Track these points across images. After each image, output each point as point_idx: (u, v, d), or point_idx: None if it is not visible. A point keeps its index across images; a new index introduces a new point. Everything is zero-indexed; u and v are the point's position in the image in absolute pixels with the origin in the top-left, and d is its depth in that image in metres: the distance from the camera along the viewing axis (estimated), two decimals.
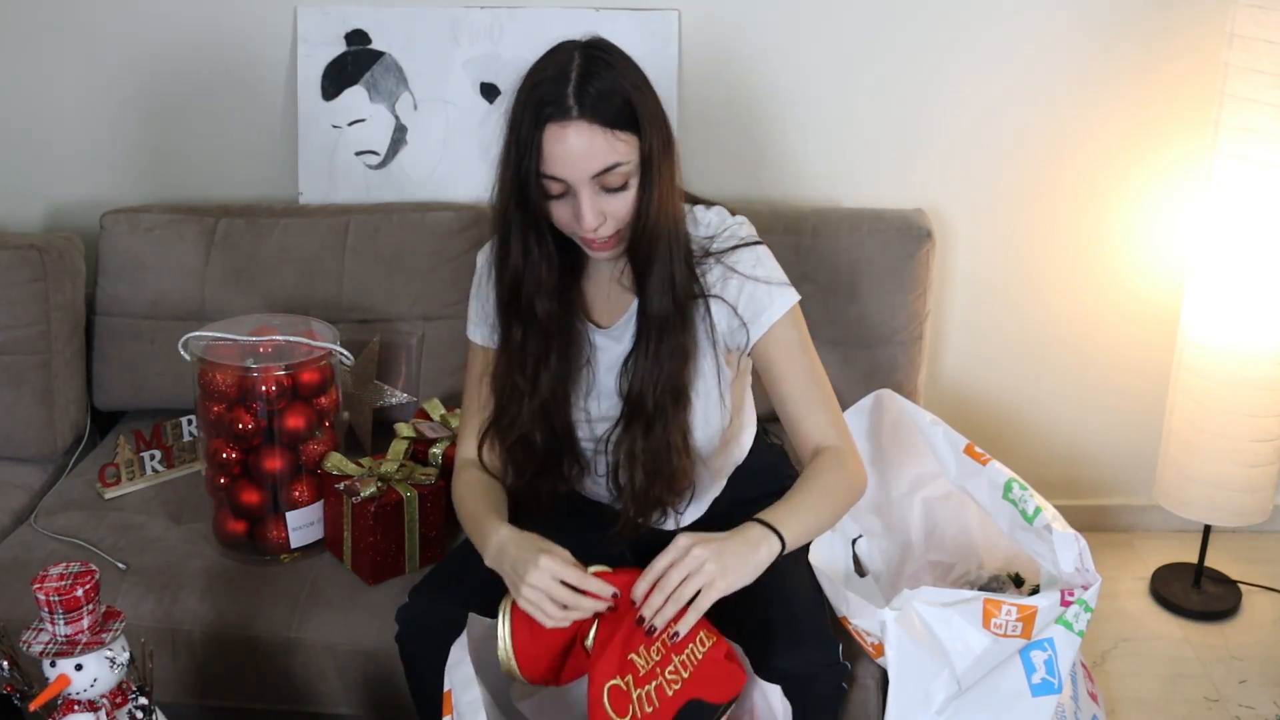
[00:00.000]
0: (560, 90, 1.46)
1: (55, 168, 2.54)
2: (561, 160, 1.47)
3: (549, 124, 1.46)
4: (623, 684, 1.45)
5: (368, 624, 1.88)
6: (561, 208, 1.52)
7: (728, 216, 1.68)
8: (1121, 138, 2.46)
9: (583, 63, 1.49)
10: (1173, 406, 2.43)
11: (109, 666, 1.45)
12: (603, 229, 1.52)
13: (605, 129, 1.46)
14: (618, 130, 1.47)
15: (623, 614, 1.49)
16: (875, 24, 2.39)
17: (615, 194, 1.51)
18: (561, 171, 1.48)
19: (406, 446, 2.05)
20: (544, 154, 1.47)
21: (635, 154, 1.50)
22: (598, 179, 1.49)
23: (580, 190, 1.49)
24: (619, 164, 1.48)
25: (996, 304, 2.58)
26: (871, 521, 1.95)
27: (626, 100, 1.48)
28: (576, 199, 1.49)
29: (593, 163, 1.47)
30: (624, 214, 1.52)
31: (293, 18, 2.42)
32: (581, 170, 1.47)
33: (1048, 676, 1.57)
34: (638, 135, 1.49)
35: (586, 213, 1.49)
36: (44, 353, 2.27)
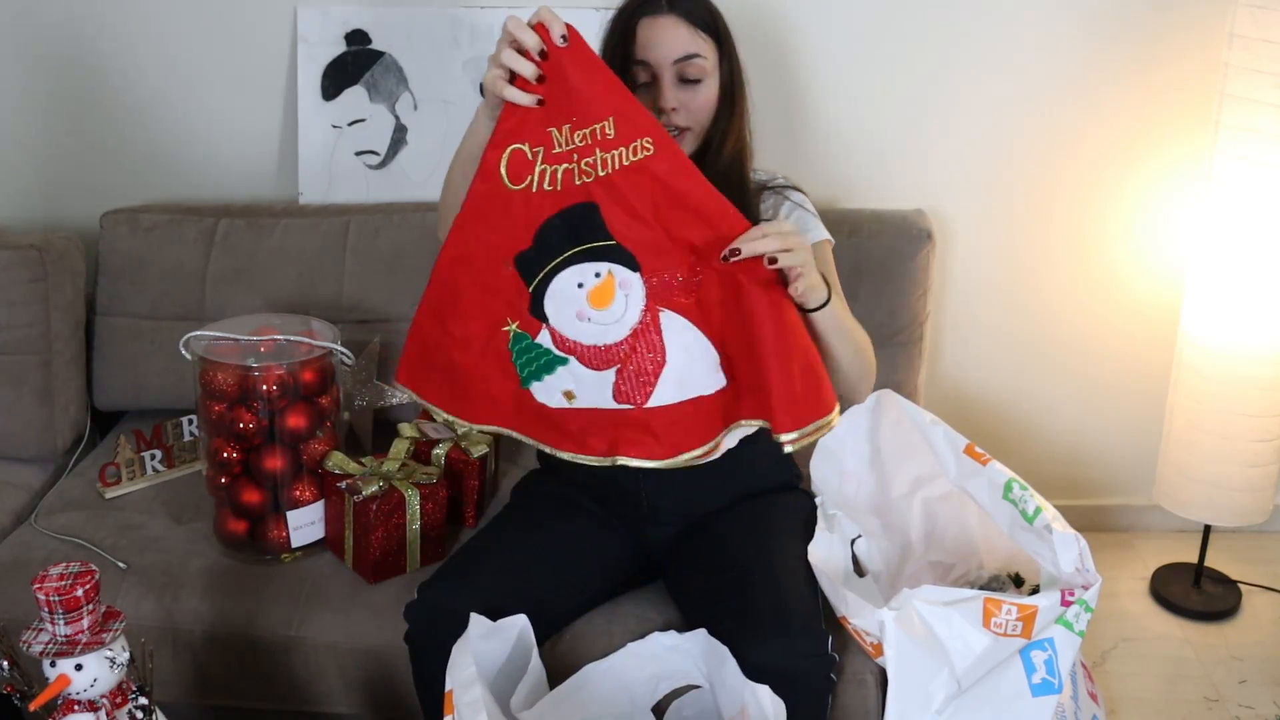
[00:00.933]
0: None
1: (55, 168, 2.54)
2: (650, 46, 1.69)
3: (644, 18, 1.70)
4: (529, 152, 1.53)
5: (369, 623, 1.88)
6: (643, 96, 1.69)
7: (775, 172, 1.90)
8: (1121, 138, 2.46)
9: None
10: (1173, 406, 2.43)
11: (109, 666, 1.45)
12: (676, 117, 1.71)
13: (689, 24, 1.70)
14: (700, 30, 1.71)
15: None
16: (875, 25, 2.39)
17: (692, 86, 1.71)
18: (649, 56, 1.69)
19: (408, 446, 2.06)
20: (637, 40, 1.70)
21: (714, 55, 1.72)
22: (678, 65, 1.70)
23: (663, 74, 1.70)
24: (698, 55, 1.70)
25: (996, 304, 2.58)
26: (871, 521, 1.95)
27: (711, 13, 1.74)
28: (659, 84, 1.70)
29: (675, 48, 1.69)
30: (699, 109, 1.73)
31: (293, 18, 2.42)
32: (666, 54, 1.69)
33: (1048, 676, 1.57)
34: (717, 44, 1.73)
35: (666, 92, 1.70)
36: (44, 353, 2.27)
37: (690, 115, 1.73)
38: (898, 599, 1.63)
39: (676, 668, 1.73)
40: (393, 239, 2.33)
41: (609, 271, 1.56)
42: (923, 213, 2.39)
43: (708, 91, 1.74)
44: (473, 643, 1.56)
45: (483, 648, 1.59)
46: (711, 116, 1.76)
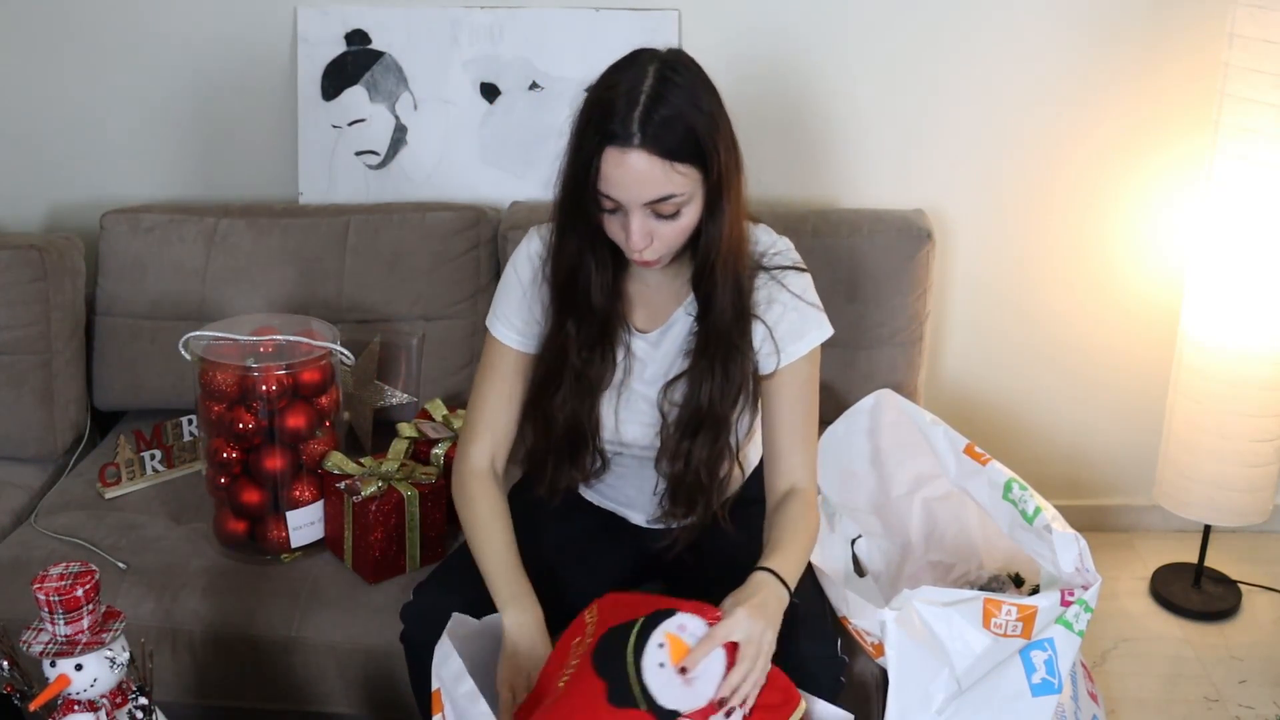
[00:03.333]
0: (627, 113, 1.46)
1: (55, 168, 2.54)
2: (617, 183, 1.48)
3: (609, 146, 1.46)
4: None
5: (368, 623, 1.88)
6: (613, 222, 1.54)
7: (775, 236, 1.70)
8: (1121, 138, 2.46)
9: (655, 84, 1.47)
10: (1173, 406, 2.43)
11: (109, 666, 1.45)
12: (649, 251, 1.53)
13: (664, 160, 1.46)
14: (677, 163, 1.47)
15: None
16: (875, 24, 2.39)
17: (667, 220, 1.51)
18: (615, 193, 1.49)
19: (408, 446, 2.05)
20: (601, 173, 1.48)
21: (692, 185, 1.50)
22: (650, 205, 1.49)
23: (632, 212, 1.50)
24: (673, 195, 1.49)
25: (996, 304, 2.58)
26: (871, 521, 1.95)
27: (692, 130, 1.47)
28: (627, 218, 1.50)
29: (646, 191, 1.48)
30: (673, 239, 1.54)
31: (293, 18, 2.42)
32: (635, 196, 1.48)
33: (1048, 676, 1.57)
34: (699, 167, 1.49)
35: (635, 234, 1.51)
36: (44, 353, 2.27)
37: (665, 244, 1.54)
38: (898, 599, 1.63)
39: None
40: (393, 239, 2.33)
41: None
42: (923, 213, 2.39)
43: (686, 219, 1.53)
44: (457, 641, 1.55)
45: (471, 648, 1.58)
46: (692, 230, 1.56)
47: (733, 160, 1.53)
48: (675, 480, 1.70)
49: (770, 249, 1.67)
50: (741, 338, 1.63)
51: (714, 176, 1.50)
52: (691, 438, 1.66)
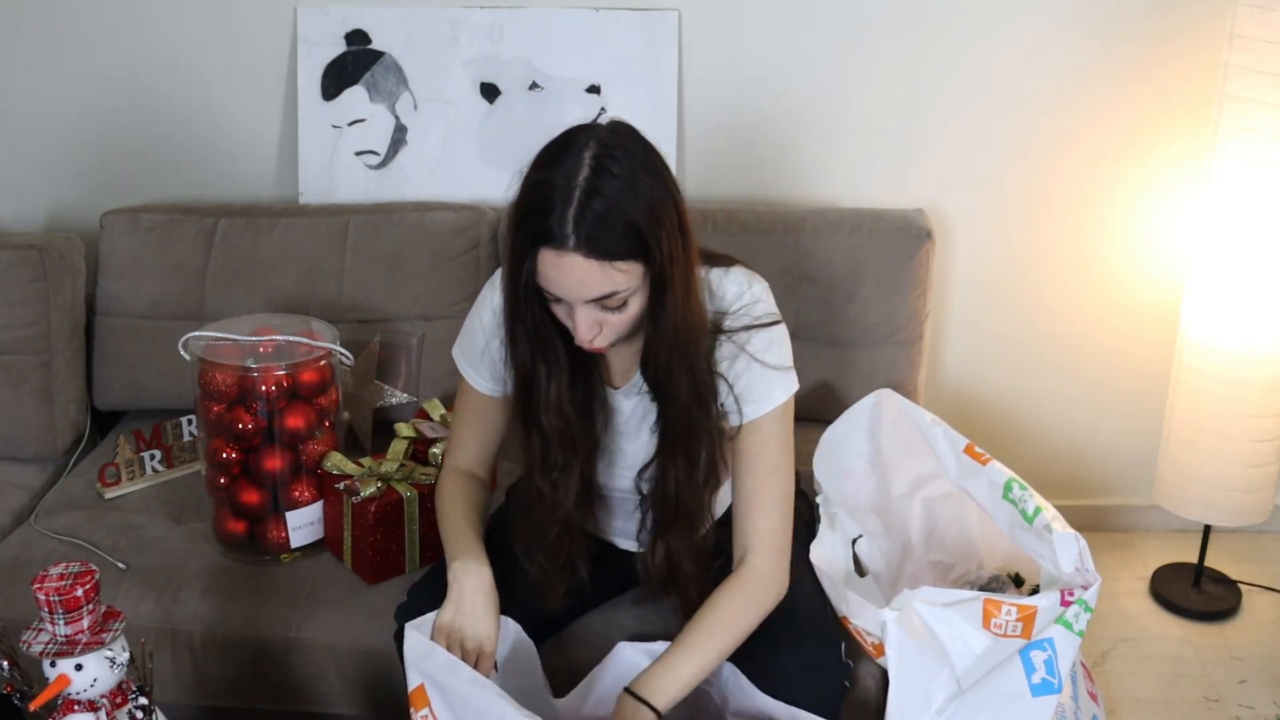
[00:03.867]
0: (561, 211, 1.37)
1: (55, 168, 2.54)
2: (556, 284, 1.42)
3: (544, 248, 1.39)
4: None
5: (368, 624, 1.88)
6: (559, 310, 1.48)
7: (747, 284, 1.59)
8: (1121, 138, 2.46)
9: (589, 177, 1.38)
10: (1173, 406, 2.43)
11: (109, 666, 1.45)
12: (598, 339, 1.47)
13: (602, 261, 1.38)
14: (616, 261, 1.39)
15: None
16: (876, 24, 2.39)
17: (615, 311, 1.45)
18: (555, 291, 1.43)
19: (407, 446, 2.05)
20: (539, 272, 1.42)
21: (635, 279, 1.42)
22: (594, 302, 1.43)
23: (576, 308, 1.44)
24: (616, 292, 1.42)
25: (996, 304, 2.58)
26: (871, 521, 1.95)
27: (630, 225, 1.38)
28: (572, 314, 1.45)
29: (587, 291, 1.41)
30: (622, 327, 1.48)
31: (293, 18, 2.42)
32: (576, 295, 1.42)
33: (1048, 676, 1.57)
34: (641, 261, 1.41)
35: (580, 328, 1.45)
36: (44, 353, 2.27)
37: (614, 331, 1.48)
38: (898, 599, 1.63)
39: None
40: (393, 239, 2.33)
41: None
42: (923, 212, 2.39)
43: (634, 308, 1.46)
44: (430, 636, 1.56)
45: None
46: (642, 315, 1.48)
47: (677, 246, 1.43)
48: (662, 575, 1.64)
49: (736, 302, 1.57)
50: (705, 418, 1.55)
51: (656, 270, 1.42)
52: (666, 534, 1.61)
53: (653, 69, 2.40)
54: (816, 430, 1.98)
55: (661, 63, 2.40)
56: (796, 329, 2.30)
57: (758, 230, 2.30)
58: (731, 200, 2.47)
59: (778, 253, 2.28)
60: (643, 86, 2.42)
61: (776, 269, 2.28)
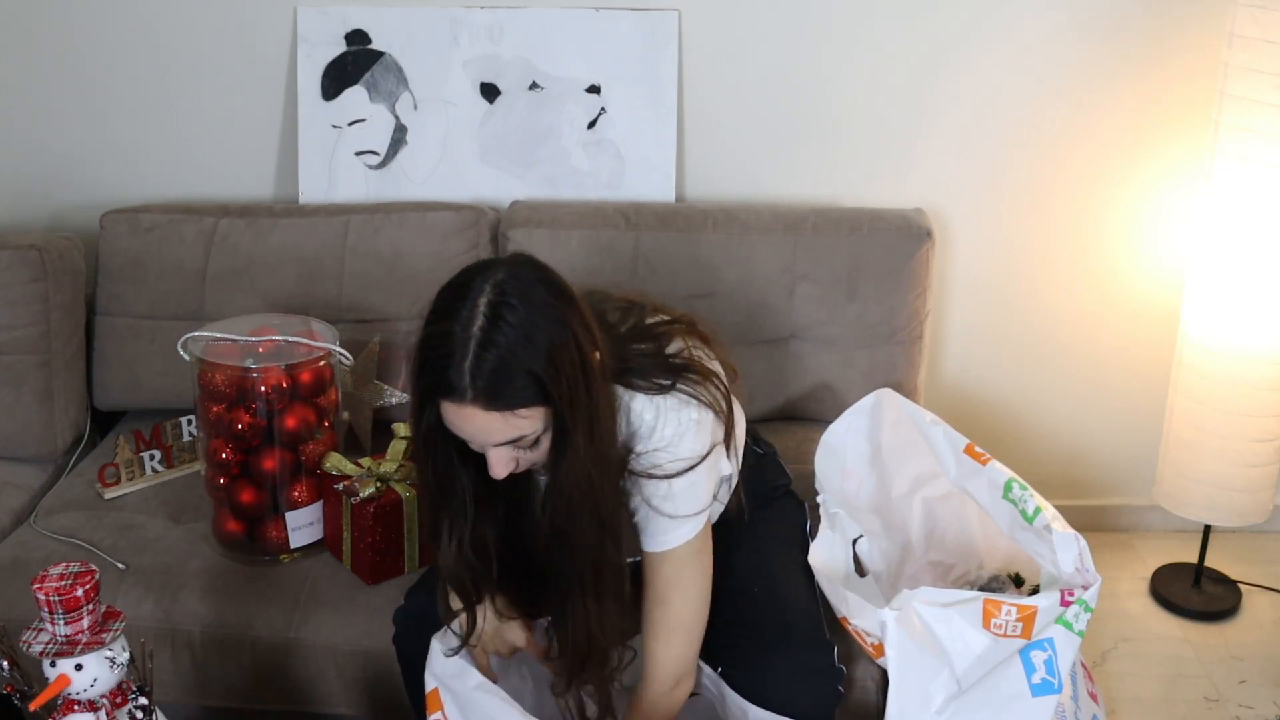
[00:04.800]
0: (459, 364, 1.34)
1: (55, 168, 2.54)
2: (462, 430, 1.40)
3: (445, 400, 1.37)
4: None
5: (367, 624, 1.88)
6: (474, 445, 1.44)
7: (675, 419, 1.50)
8: (1121, 138, 2.46)
9: (483, 326, 1.35)
10: (1173, 406, 2.43)
11: (109, 666, 1.45)
12: (517, 468, 1.45)
13: (502, 412, 1.36)
14: (518, 409, 1.36)
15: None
16: (876, 24, 2.39)
17: (527, 450, 1.43)
18: (463, 436, 1.41)
19: (406, 446, 2.05)
20: (445, 419, 1.40)
21: (541, 421, 1.39)
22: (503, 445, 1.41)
23: (487, 450, 1.42)
24: (522, 436, 1.39)
25: (996, 304, 2.58)
26: (872, 521, 1.95)
27: (528, 374, 1.35)
28: (486, 456, 1.43)
29: (492, 439, 1.39)
30: (538, 459, 1.45)
31: (293, 18, 2.42)
32: (483, 441, 1.40)
33: (1048, 676, 1.57)
34: (544, 405, 1.38)
35: (494, 466, 1.42)
36: (44, 353, 2.27)
37: (530, 462, 1.46)
38: (898, 599, 1.63)
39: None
40: (393, 239, 2.33)
41: None
42: (923, 212, 2.39)
43: (546, 443, 1.43)
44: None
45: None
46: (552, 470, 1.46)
47: (579, 388, 1.39)
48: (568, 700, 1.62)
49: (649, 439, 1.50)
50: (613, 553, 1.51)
51: (558, 411, 1.38)
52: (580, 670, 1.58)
53: (653, 69, 2.40)
54: (816, 430, 1.98)
55: (661, 63, 2.40)
56: (796, 329, 2.30)
57: (758, 230, 2.30)
58: (731, 200, 2.47)
59: (778, 253, 2.28)
60: (643, 86, 2.42)
61: (776, 269, 2.28)
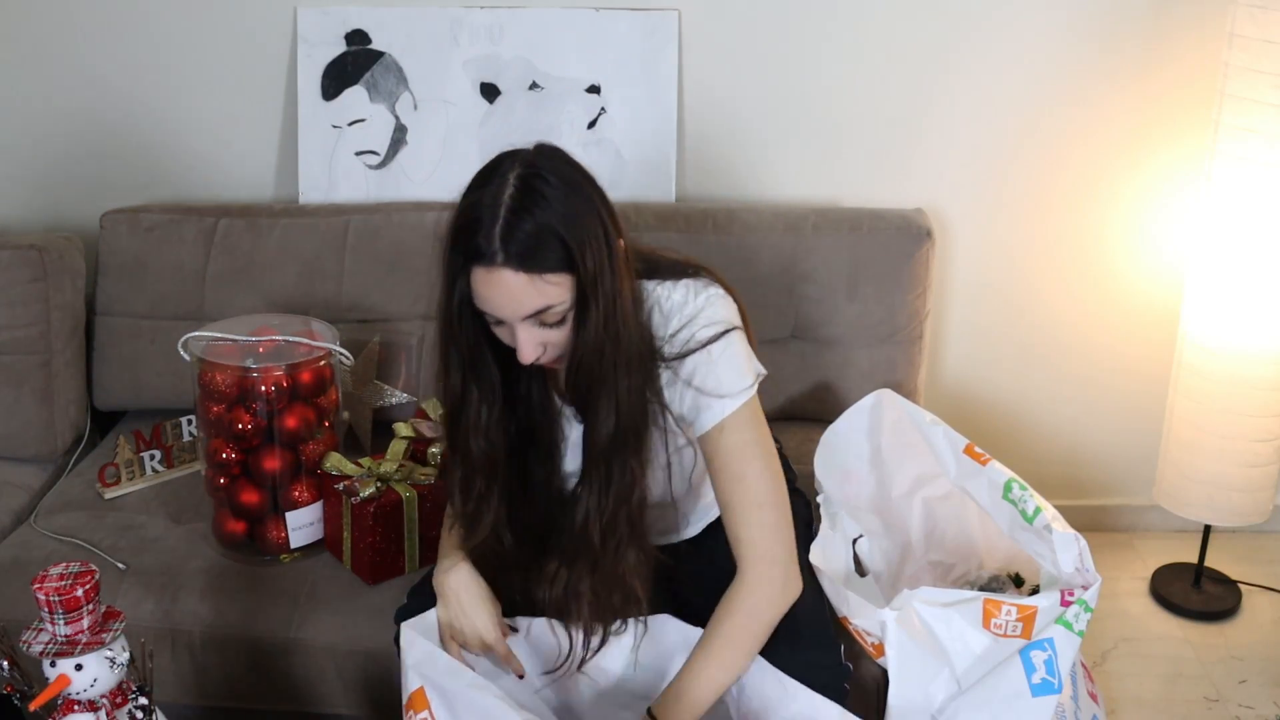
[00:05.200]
0: (489, 229, 1.39)
1: (55, 168, 2.54)
2: (491, 302, 1.43)
3: (475, 266, 1.41)
4: None
5: (367, 624, 1.88)
6: (502, 331, 1.48)
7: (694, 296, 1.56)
8: (1121, 138, 2.46)
9: (515, 194, 1.40)
10: (1173, 406, 2.43)
11: (109, 666, 1.45)
12: (544, 357, 1.47)
13: (532, 275, 1.40)
14: (547, 274, 1.40)
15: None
16: (875, 24, 2.39)
17: (554, 328, 1.45)
18: (492, 311, 1.44)
19: (406, 446, 2.05)
20: (474, 292, 1.44)
21: (569, 291, 1.43)
22: (532, 318, 1.43)
23: (516, 327, 1.44)
24: (550, 306, 1.42)
25: (996, 304, 2.58)
26: (871, 521, 1.95)
27: (558, 239, 1.40)
28: (513, 330, 1.45)
29: (522, 307, 1.42)
30: (565, 343, 1.48)
31: (293, 18, 2.42)
32: (512, 312, 1.43)
33: (1048, 676, 1.57)
34: (571, 273, 1.42)
35: (523, 347, 1.45)
36: (44, 353, 2.27)
37: (557, 349, 1.48)
38: (898, 599, 1.63)
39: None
40: (393, 239, 2.33)
41: None
42: (923, 212, 2.39)
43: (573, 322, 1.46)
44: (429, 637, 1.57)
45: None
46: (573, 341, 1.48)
47: (604, 262, 1.43)
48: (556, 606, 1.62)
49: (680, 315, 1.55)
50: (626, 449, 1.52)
51: (583, 282, 1.42)
52: (571, 562, 1.58)
53: (653, 69, 2.40)
54: (816, 430, 1.98)
55: (661, 63, 2.40)
56: (796, 329, 2.30)
57: (758, 230, 2.30)
58: (731, 200, 2.47)
59: (778, 253, 2.28)
60: (643, 86, 2.42)
61: (776, 269, 2.28)
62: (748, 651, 1.56)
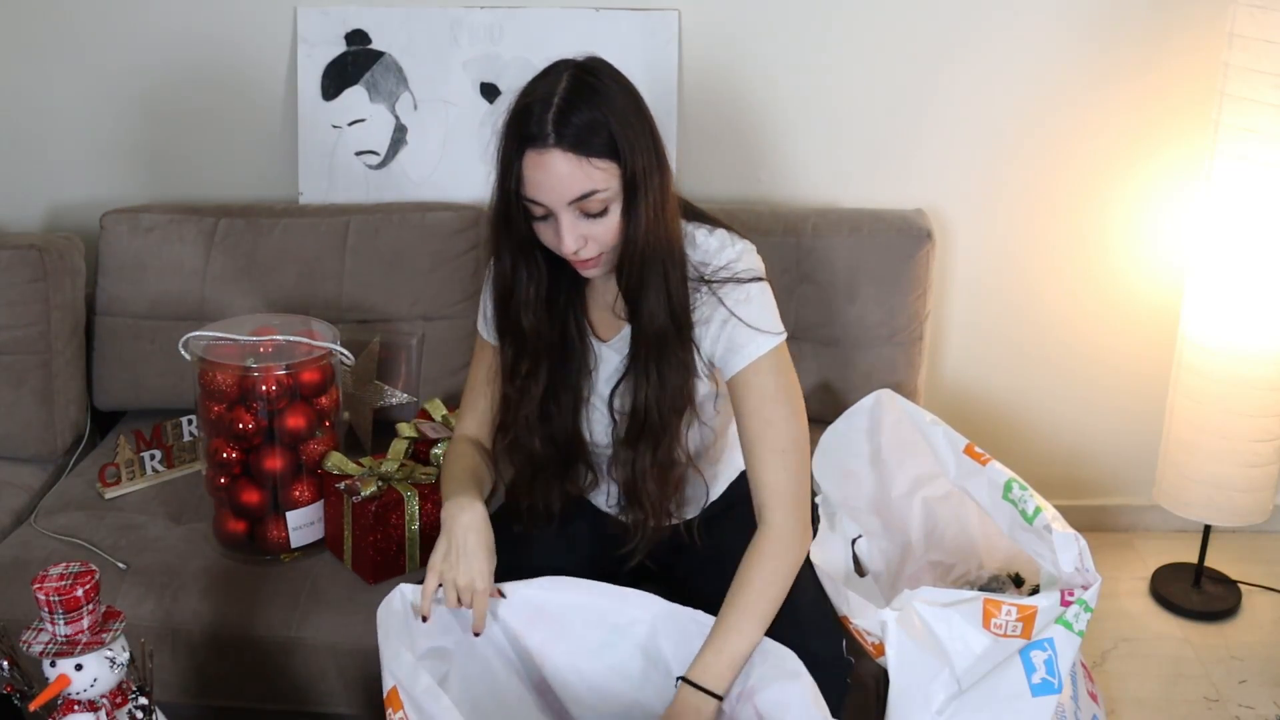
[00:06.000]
0: (542, 115, 1.48)
1: (55, 168, 2.54)
2: (538, 185, 1.49)
3: (528, 150, 1.49)
4: None
5: (368, 623, 1.87)
6: (545, 229, 1.55)
7: (731, 244, 1.64)
8: (1121, 138, 2.46)
9: (569, 87, 1.50)
10: (1173, 406, 2.43)
11: (109, 666, 1.45)
12: (584, 251, 1.54)
13: (581, 158, 1.48)
14: (594, 159, 1.48)
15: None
16: (876, 24, 2.39)
17: (596, 219, 1.52)
18: (539, 196, 1.50)
19: (407, 446, 2.05)
20: (524, 178, 1.50)
21: (615, 181, 1.50)
22: (576, 204, 1.50)
23: (560, 214, 1.51)
24: (596, 191, 1.49)
25: (996, 304, 2.58)
26: (871, 521, 1.95)
27: (605, 127, 1.49)
28: (557, 222, 1.51)
29: (568, 189, 1.49)
30: (606, 238, 1.54)
31: (293, 18, 2.42)
32: (558, 196, 1.49)
33: (1048, 676, 1.57)
34: (616, 163, 1.50)
35: (566, 236, 1.51)
36: (44, 353, 2.27)
37: (599, 244, 1.54)
38: (898, 599, 1.63)
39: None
40: (393, 239, 2.33)
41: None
42: (923, 212, 2.39)
43: (615, 217, 1.53)
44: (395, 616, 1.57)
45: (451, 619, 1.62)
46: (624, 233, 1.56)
47: (651, 159, 1.53)
48: (626, 488, 1.70)
49: (717, 257, 1.62)
50: (678, 342, 1.60)
51: (629, 173, 1.50)
52: (634, 446, 1.65)
53: (653, 69, 2.40)
54: (816, 430, 1.98)
55: (661, 63, 2.40)
56: (796, 329, 2.30)
57: (758, 230, 2.30)
58: (731, 200, 2.47)
59: (778, 253, 2.27)
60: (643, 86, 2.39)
61: (776, 269, 2.26)
62: (775, 599, 1.59)
